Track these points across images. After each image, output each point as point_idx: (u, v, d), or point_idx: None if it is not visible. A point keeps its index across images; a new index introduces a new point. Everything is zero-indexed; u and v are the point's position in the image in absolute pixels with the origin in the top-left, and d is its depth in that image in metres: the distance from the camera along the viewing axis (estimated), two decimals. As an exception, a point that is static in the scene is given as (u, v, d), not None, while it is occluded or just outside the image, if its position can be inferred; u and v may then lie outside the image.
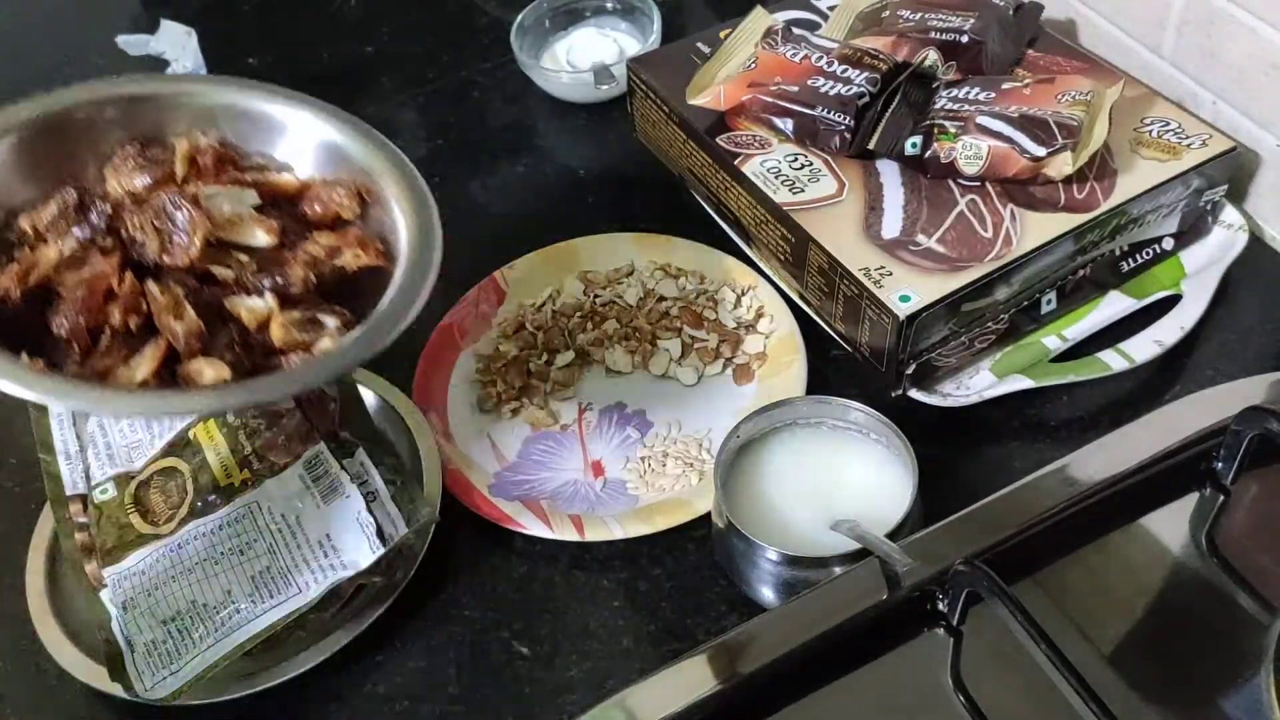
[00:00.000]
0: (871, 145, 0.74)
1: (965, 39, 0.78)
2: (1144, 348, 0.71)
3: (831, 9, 0.88)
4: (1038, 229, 0.69)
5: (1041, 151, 0.69)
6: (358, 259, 0.58)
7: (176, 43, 0.89)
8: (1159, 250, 0.76)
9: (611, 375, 0.78)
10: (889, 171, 0.74)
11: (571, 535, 0.68)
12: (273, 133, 0.63)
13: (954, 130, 0.71)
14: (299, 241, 0.58)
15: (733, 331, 0.77)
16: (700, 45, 0.85)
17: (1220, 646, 0.58)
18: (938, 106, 0.73)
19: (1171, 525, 0.63)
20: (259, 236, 0.57)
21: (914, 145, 0.72)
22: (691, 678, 0.55)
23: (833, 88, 0.75)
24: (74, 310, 0.53)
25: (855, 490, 0.64)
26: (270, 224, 0.57)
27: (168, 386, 0.53)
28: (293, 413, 0.69)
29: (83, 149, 0.60)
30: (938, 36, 0.79)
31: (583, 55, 1.00)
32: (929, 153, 0.72)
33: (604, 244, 0.84)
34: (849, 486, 0.64)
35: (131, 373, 0.53)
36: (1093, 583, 0.61)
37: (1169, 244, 0.76)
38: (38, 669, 0.65)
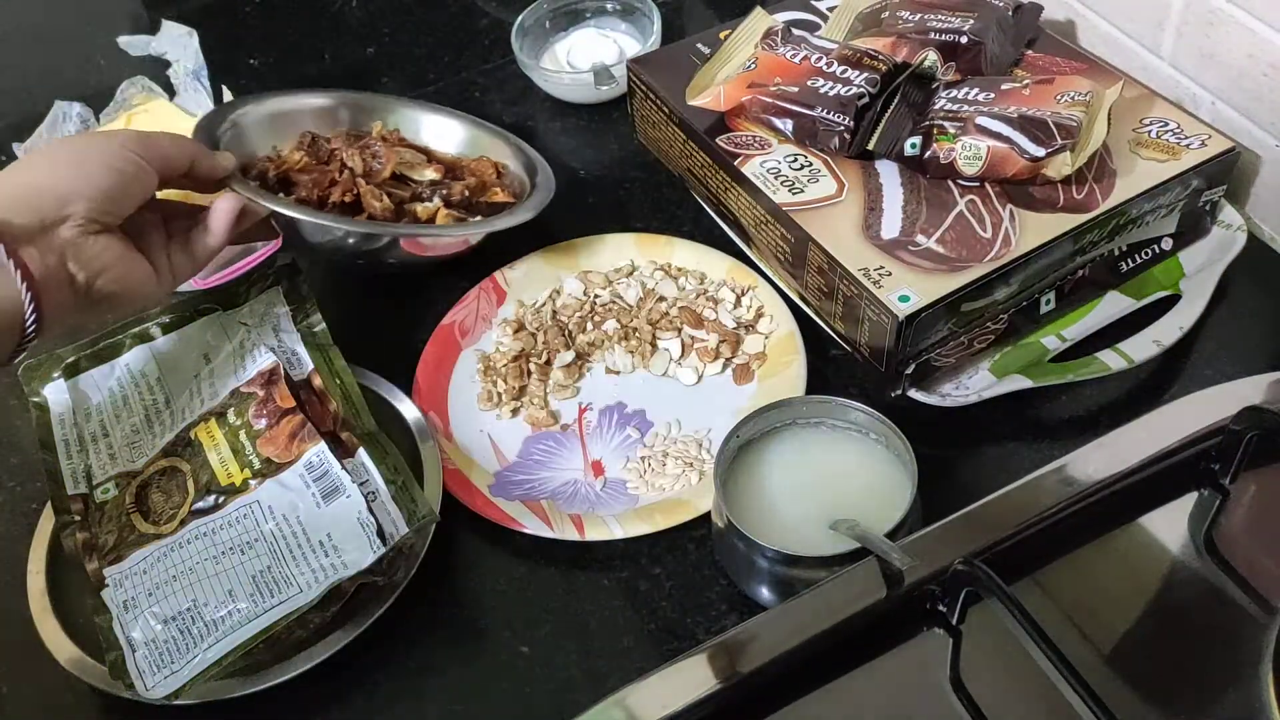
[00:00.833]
0: (871, 146, 0.74)
1: (965, 40, 0.78)
2: (1143, 348, 0.71)
3: (831, 10, 0.88)
4: (1037, 229, 0.69)
5: (1040, 152, 0.69)
6: (496, 195, 0.84)
7: (178, 43, 0.90)
8: (1158, 250, 0.76)
9: (611, 375, 0.78)
10: (888, 172, 0.74)
11: (571, 535, 0.68)
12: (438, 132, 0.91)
13: (953, 131, 0.71)
14: (461, 175, 0.85)
15: (733, 331, 0.78)
16: (700, 46, 0.85)
17: (1219, 646, 0.58)
18: (937, 107, 0.74)
19: (1170, 525, 0.63)
20: (429, 174, 0.84)
21: (913, 146, 0.73)
22: (691, 677, 0.55)
23: (832, 88, 0.75)
24: (305, 189, 0.80)
25: (855, 490, 0.64)
26: (439, 165, 0.84)
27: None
28: (293, 413, 0.69)
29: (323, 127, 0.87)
30: (937, 37, 0.79)
31: (583, 56, 1.00)
32: (928, 153, 0.72)
33: (604, 244, 0.84)
34: (849, 486, 0.64)
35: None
36: (1092, 582, 0.61)
37: (1168, 244, 0.76)
38: (38, 668, 0.65)
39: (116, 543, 0.66)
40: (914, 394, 0.70)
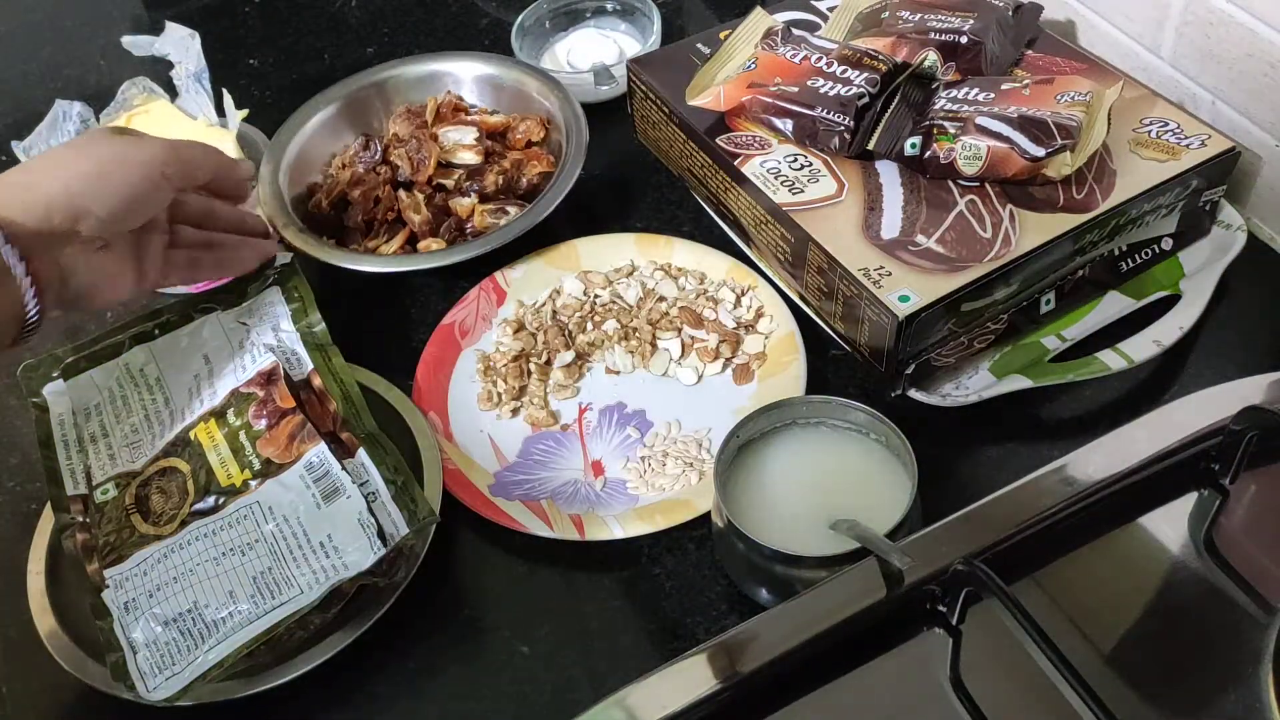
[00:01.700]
0: (871, 146, 0.74)
1: (965, 40, 0.78)
2: (1143, 348, 0.71)
3: (831, 10, 0.88)
4: (1037, 229, 0.69)
5: (1040, 152, 0.69)
6: (534, 168, 0.89)
7: (180, 45, 0.90)
8: (1158, 250, 0.76)
9: (611, 375, 0.78)
10: (888, 172, 0.74)
11: (571, 535, 0.68)
12: (490, 88, 0.95)
13: (953, 131, 0.71)
14: (498, 160, 0.89)
15: (733, 331, 0.78)
16: (700, 46, 0.85)
17: (1219, 646, 0.58)
18: (937, 107, 0.74)
19: (1170, 525, 0.63)
20: (468, 157, 0.88)
21: (913, 146, 0.73)
22: (691, 677, 0.55)
23: (832, 88, 0.75)
24: (359, 211, 0.87)
25: (855, 490, 0.64)
26: (478, 148, 0.88)
27: (408, 254, 0.84)
28: (293, 413, 0.69)
29: (378, 106, 0.94)
30: (937, 37, 0.79)
31: (583, 56, 1.00)
32: (928, 153, 0.72)
33: (604, 244, 0.84)
34: (849, 486, 0.64)
35: (390, 247, 0.85)
36: (1092, 582, 0.61)
37: (1168, 244, 0.76)
38: (38, 669, 0.65)
39: (117, 543, 0.66)
40: (914, 394, 0.70)
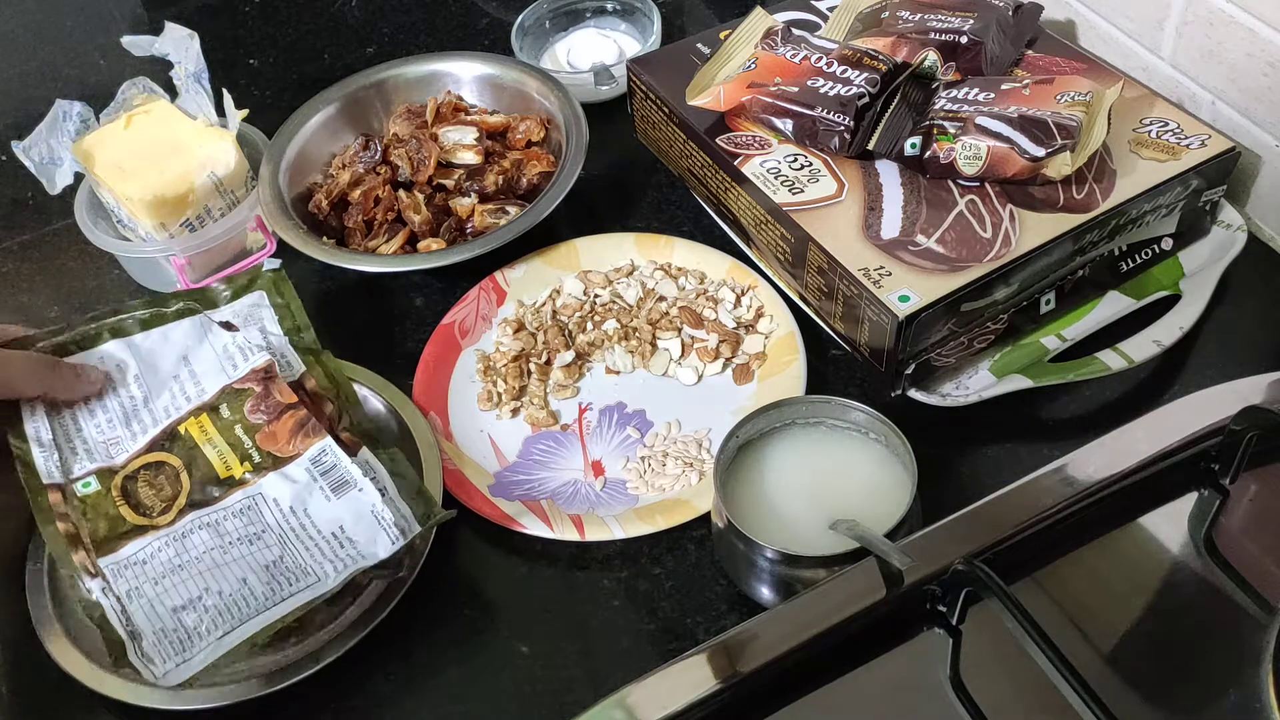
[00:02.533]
0: (871, 146, 0.74)
1: (965, 40, 0.78)
2: (1143, 348, 0.71)
3: (831, 10, 0.88)
4: (1037, 229, 0.69)
5: (1040, 152, 0.69)
6: (535, 168, 0.88)
7: (180, 45, 0.90)
8: (1158, 250, 0.76)
9: (611, 375, 0.78)
10: (888, 172, 0.74)
11: (571, 535, 0.68)
12: (490, 88, 0.95)
13: (953, 131, 0.71)
14: (498, 160, 0.88)
15: (733, 331, 0.78)
16: (700, 46, 0.85)
17: (1219, 646, 0.58)
18: (937, 107, 0.74)
19: (1170, 525, 0.63)
20: (468, 157, 0.88)
21: (913, 146, 0.73)
22: (691, 677, 0.55)
23: (832, 88, 0.75)
24: (358, 211, 0.86)
25: (855, 490, 0.64)
26: (478, 148, 0.87)
27: (408, 254, 0.84)
28: (296, 408, 0.69)
29: (378, 107, 0.94)
30: (937, 37, 0.79)
31: (583, 56, 1.00)
32: (928, 153, 0.72)
33: (604, 244, 0.84)
34: (849, 486, 0.64)
35: (390, 247, 0.84)
36: (1092, 582, 0.61)
37: (1168, 244, 0.76)
38: (38, 669, 0.65)
39: (107, 535, 0.65)
40: (914, 394, 0.70)
